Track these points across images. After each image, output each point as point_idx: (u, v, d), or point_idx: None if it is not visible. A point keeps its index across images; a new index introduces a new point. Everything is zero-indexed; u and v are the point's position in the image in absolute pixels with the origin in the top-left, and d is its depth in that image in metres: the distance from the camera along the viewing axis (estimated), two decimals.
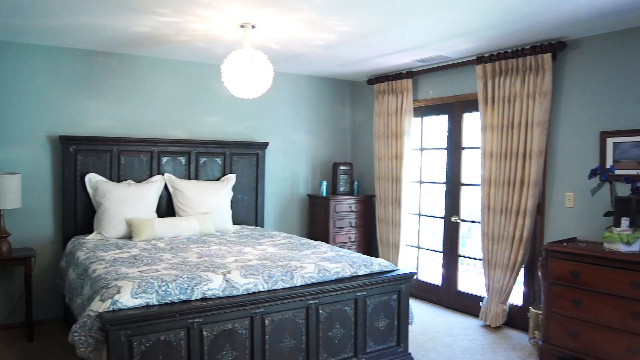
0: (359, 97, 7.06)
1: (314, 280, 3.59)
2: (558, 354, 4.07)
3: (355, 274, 3.83)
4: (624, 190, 3.99)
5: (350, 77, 6.83)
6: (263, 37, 4.58)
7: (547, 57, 4.52)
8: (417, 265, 6.29)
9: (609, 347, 3.72)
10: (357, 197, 6.54)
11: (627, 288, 3.62)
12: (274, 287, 3.40)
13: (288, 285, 3.46)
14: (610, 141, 4.23)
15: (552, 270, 4.08)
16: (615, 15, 3.86)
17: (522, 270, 4.95)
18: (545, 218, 4.75)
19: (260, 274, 3.43)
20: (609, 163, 4.22)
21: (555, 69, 4.58)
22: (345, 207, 6.41)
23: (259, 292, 3.32)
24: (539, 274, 4.19)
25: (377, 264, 4.01)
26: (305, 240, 4.92)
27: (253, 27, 4.19)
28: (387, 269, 4.02)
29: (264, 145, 6.17)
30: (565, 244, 4.19)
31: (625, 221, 3.82)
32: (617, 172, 4.09)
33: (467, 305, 5.54)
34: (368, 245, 6.64)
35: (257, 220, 6.17)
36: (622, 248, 3.78)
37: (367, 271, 3.90)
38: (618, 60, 4.23)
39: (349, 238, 6.44)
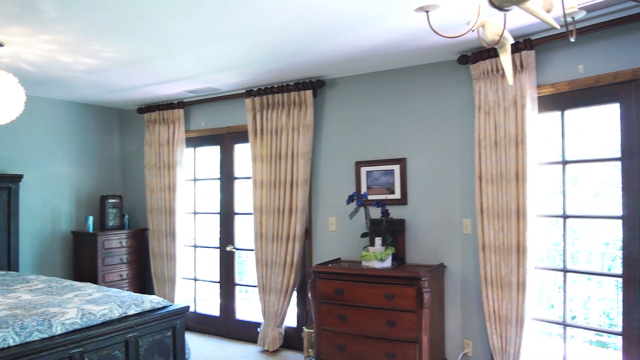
0: (128, 126, 6.74)
1: (77, 327, 3.26)
2: None
3: (124, 315, 3.59)
4: (376, 213, 4.50)
5: (119, 105, 6.50)
6: (14, 57, 4.10)
7: (309, 93, 4.92)
8: (195, 297, 6.17)
9: (371, 356, 4.10)
10: (129, 232, 6.19)
11: (382, 300, 4.05)
12: (27, 340, 2.99)
13: (45, 336, 3.08)
14: (364, 170, 4.77)
15: (320, 290, 4.37)
16: (361, 61, 4.41)
17: (295, 293, 5.20)
18: (313, 242, 5.10)
19: (10, 327, 3.00)
20: (364, 189, 4.73)
21: (316, 105, 5.01)
22: (116, 243, 6.00)
23: (9, 347, 2.89)
24: (309, 295, 4.45)
25: (149, 301, 3.83)
26: (69, 282, 4.47)
27: (1, 45, 3.74)
28: (160, 306, 3.87)
29: (18, 178, 5.46)
30: (330, 264, 4.54)
31: (378, 240, 4.31)
32: (370, 197, 4.61)
33: (246, 332, 5.60)
34: (142, 281, 6.30)
35: (10, 263, 5.39)
36: (377, 265, 4.24)
37: (138, 310, 3.70)
38: (365, 98, 4.81)
39: (121, 276, 6.03)
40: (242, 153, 5.71)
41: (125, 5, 3.10)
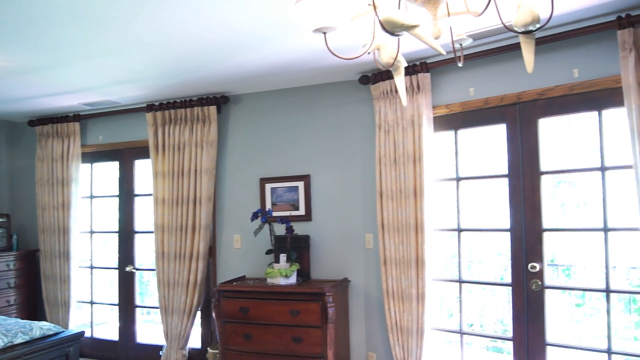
0: (18, 140, 6.28)
1: None
2: None
3: (10, 344, 3.33)
4: (281, 229, 4.50)
5: (8, 117, 6.04)
6: None
7: (213, 109, 4.85)
8: (92, 322, 5.83)
9: None
10: (17, 253, 5.74)
11: (288, 317, 4.04)
12: None
13: None
14: (268, 186, 4.76)
15: (225, 309, 4.29)
16: (265, 78, 4.43)
17: (199, 313, 5.06)
18: (217, 260, 5.00)
19: None
20: (268, 206, 4.72)
21: (220, 121, 4.95)
22: (2, 266, 5.54)
23: None
24: (214, 315, 4.35)
25: (39, 328, 3.58)
26: None
27: None
28: (52, 332, 3.63)
29: None
30: (235, 282, 4.47)
31: (283, 257, 4.31)
32: (275, 214, 4.61)
33: (148, 356, 5.36)
34: (32, 307, 5.86)
35: None
36: (282, 281, 4.23)
37: (26, 338, 3.45)
38: (270, 115, 4.83)
39: (8, 302, 5.57)
40: (143, 169, 5.51)
41: (13, 11, 2.90)
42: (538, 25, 1.85)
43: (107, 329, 5.90)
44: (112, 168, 5.71)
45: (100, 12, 2.94)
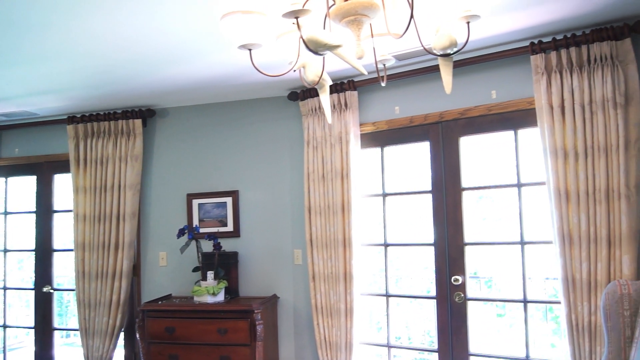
0: None
1: None
2: None
3: None
4: (208, 246, 4.41)
5: None
6: None
7: (138, 122, 4.71)
8: (4, 347, 5.46)
9: None
10: None
11: (216, 335, 3.97)
12: None
13: None
14: (195, 202, 4.67)
15: (149, 329, 4.15)
16: (193, 92, 4.37)
17: (122, 334, 4.86)
18: (142, 278, 4.84)
19: None
20: (196, 222, 4.63)
21: (146, 134, 4.82)
22: None
23: None
24: (138, 336, 4.20)
25: None
26: None
27: None
28: None
29: None
30: (160, 301, 4.34)
31: (210, 274, 4.23)
32: (202, 230, 4.52)
33: None
34: None
35: None
36: (209, 299, 4.15)
37: None
38: (199, 129, 4.75)
39: None
40: (63, 184, 5.25)
41: None
42: (455, 49, 1.94)
43: (22, 354, 5.55)
44: (29, 182, 5.41)
45: (18, 17, 2.79)
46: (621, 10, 3.02)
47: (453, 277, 3.78)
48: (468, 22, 1.81)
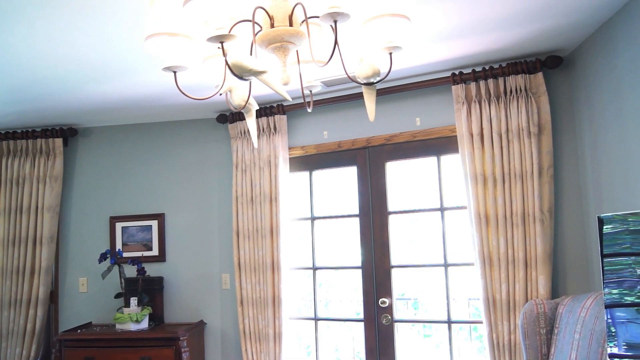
0: None
1: None
2: None
3: None
4: (132, 271, 4.26)
5: None
6: None
7: (59, 141, 4.51)
8: None
9: None
10: None
11: None
12: None
13: None
14: (119, 225, 4.50)
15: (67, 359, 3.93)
16: (118, 111, 4.24)
17: None
18: (60, 306, 4.58)
19: None
20: (119, 246, 4.46)
21: (67, 154, 4.62)
22: None
23: None
24: None
25: None
26: None
27: None
28: None
29: None
30: (79, 330, 4.14)
31: (133, 301, 4.07)
32: (126, 254, 4.36)
33: None
34: None
35: None
36: (132, 327, 3.99)
37: None
38: (123, 150, 4.62)
39: None
40: None
41: None
42: (379, 78, 2.00)
43: None
44: None
45: None
46: (534, 46, 3.23)
47: (380, 300, 3.84)
48: (390, 53, 1.87)
